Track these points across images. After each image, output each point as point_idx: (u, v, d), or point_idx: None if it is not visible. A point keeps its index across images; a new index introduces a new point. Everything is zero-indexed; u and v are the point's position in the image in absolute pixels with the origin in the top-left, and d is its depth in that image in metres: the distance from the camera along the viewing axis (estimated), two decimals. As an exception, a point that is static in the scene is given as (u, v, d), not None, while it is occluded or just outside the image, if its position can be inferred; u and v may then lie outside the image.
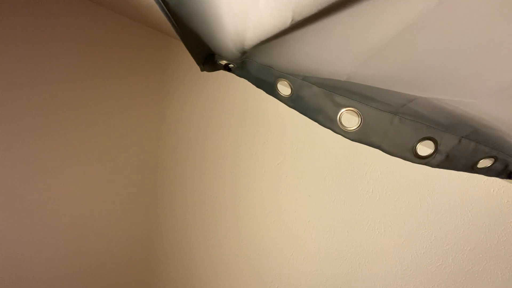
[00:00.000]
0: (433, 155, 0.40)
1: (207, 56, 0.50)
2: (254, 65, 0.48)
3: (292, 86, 0.46)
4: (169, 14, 0.40)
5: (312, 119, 0.45)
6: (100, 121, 1.28)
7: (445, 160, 0.40)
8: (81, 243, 1.30)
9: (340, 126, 0.43)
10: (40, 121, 1.11)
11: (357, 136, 0.42)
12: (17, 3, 1.01)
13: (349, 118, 0.43)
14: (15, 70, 1.03)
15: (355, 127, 0.42)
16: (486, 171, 0.42)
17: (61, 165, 1.18)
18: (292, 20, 0.31)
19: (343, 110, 0.43)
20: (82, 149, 1.24)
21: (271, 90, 0.48)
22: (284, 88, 0.47)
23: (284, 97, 0.47)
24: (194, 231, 1.41)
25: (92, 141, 1.26)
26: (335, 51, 0.36)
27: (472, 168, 0.41)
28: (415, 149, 0.40)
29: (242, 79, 0.52)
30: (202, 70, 0.53)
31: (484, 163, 0.41)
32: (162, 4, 0.39)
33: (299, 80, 0.45)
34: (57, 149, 1.16)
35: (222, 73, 0.57)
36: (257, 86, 0.50)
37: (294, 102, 0.47)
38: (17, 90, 1.04)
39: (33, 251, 1.16)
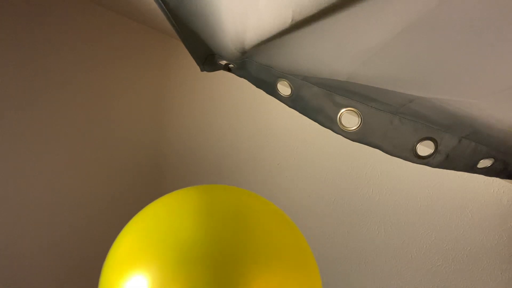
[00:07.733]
0: (433, 155, 0.40)
1: (207, 56, 0.50)
2: (254, 65, 0.48)
3: (292, 86, 0.46)
4: (169, 14, 0.40)
5: (312, 119, 0.45)
6: (100, 121, 1.28)
7: (445, 160, 0.40)
8: (79, 241, 1.30)
9: (340, 126, 0.43)
10: (40, 121, 1.11)
11: (357, 136, 0.42)
12: (16, 2, 1.01)
13: (349, 118, 0.43)
14: (13, 69, 1.03)
15: (355, 127, 0.42)
16: (486, 171, 0.42)
17: (61, 163, 1.18)
18: (292, 20, 0.31)
19: (343, 110, 0.43)
20: (81, 148, 1.24)
21: (271, 90, 0.48)
22: (284, 88, 0.47)
23: (284, 97, 0.47)
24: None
25: (91, 141, 1.26)
26: (335, 51, 0.36)
27: (472, 168, 0.41)
28: (415, 149, 0.40)
29: (242, 79, 0.52)
30: (202, 70, 0.53)
31: (484, 163, 0.41)
32: (162, 4, 0.39)
33: (299, 80, 0.45)
34: (57, 149, 1.16)
35: (222, 73, 0.57)
36: (257, 86, 0.50)
37: (294, 102, 0.47)
38: (16, 89, 1.04)
39: (32, 249, 1.16)
